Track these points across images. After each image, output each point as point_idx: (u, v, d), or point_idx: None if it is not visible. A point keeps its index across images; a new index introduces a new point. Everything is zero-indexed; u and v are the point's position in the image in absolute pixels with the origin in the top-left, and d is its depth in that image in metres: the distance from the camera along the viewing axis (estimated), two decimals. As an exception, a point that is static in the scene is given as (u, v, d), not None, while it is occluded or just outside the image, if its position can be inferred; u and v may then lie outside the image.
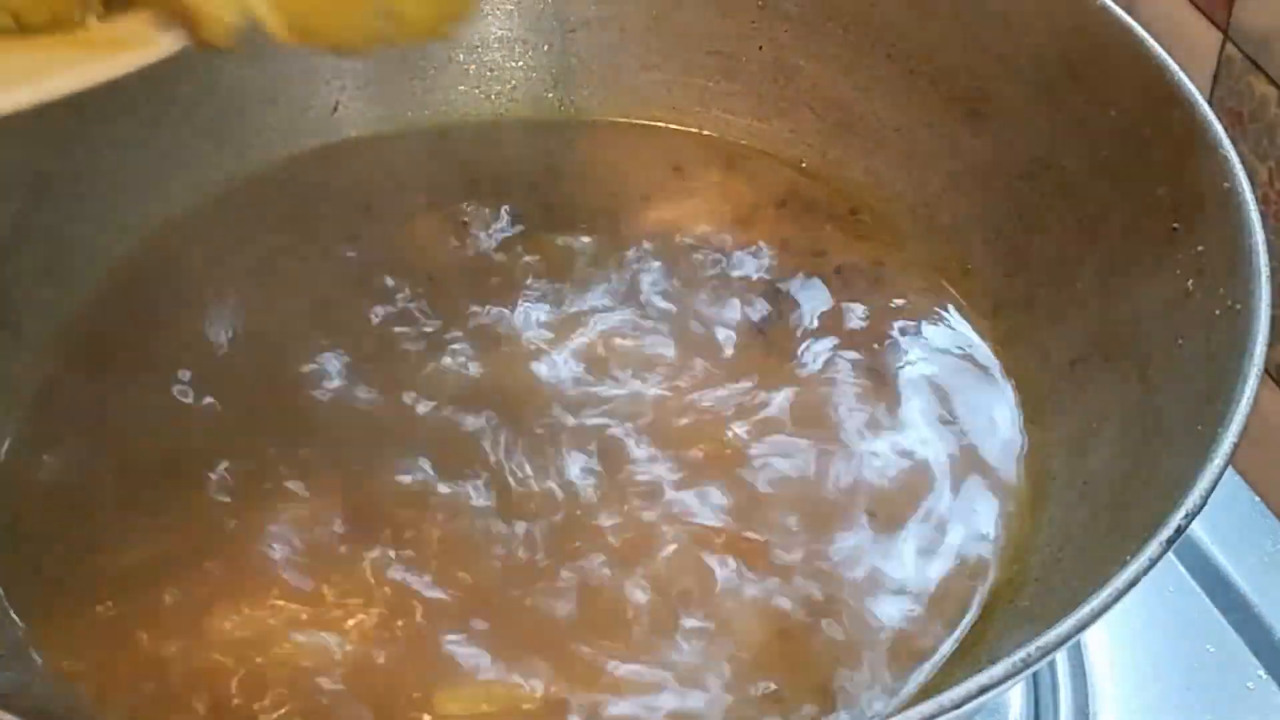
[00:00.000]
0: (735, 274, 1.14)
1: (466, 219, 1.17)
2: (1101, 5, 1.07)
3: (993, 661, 0.74)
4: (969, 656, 0.92)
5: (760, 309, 1.12)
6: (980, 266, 1.15)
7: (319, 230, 1.17)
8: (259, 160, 1.22)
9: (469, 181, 1.19)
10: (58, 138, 1.13)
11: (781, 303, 1.12)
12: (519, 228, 1.17)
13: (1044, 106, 1.12)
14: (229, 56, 1.18)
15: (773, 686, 0.89)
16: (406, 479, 0.98)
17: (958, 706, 0.72)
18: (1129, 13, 1.07)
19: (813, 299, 1.13)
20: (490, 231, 1.16)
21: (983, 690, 0.73)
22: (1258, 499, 1.21)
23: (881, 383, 1.07)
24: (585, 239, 1.16)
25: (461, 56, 1.29)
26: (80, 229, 1.14)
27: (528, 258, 1.14)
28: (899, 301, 1.14)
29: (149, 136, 1.18)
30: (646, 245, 1.16)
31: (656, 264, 1.15)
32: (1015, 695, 1.08)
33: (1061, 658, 1.10)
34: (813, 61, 1.23)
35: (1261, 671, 1.10)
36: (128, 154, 1.17)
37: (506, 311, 1.10)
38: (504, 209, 1.18)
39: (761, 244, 1.17)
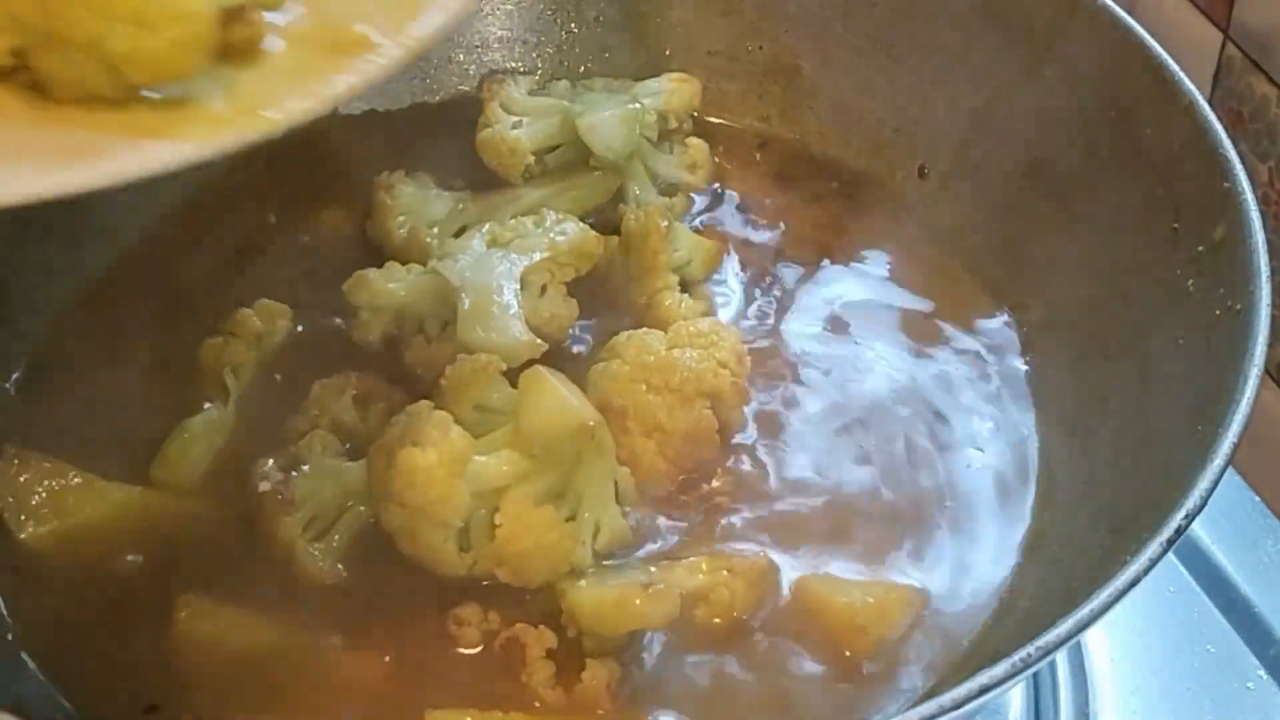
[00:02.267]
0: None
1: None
2: (1102, 5, 1.07)
3: (993, 661, 0.74)
4: (970, 656, 0.92)
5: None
6: (980, 265, 1.15)
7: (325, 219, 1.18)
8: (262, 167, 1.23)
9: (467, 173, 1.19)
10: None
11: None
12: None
13: (1044, 106, 1.12)
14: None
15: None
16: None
17: (958, 706, 0.72)
18: (1129, 13, 1.07)
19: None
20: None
21: (983, 690, 0.73)
22: (1258, 499, 1.21)
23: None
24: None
25: (461, 56, 1.29)
26: (84, 223, 1.14)
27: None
28: (894, 299, 1.14)
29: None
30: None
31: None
32: (1016, 695, 1.08)
33: (1061, 658, 1.10)
34: (813, 63, 1.23)
35: (1262, 671, 1.10)
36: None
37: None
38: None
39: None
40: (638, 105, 1.16)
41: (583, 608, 0.90)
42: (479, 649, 0.92)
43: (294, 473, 0.97)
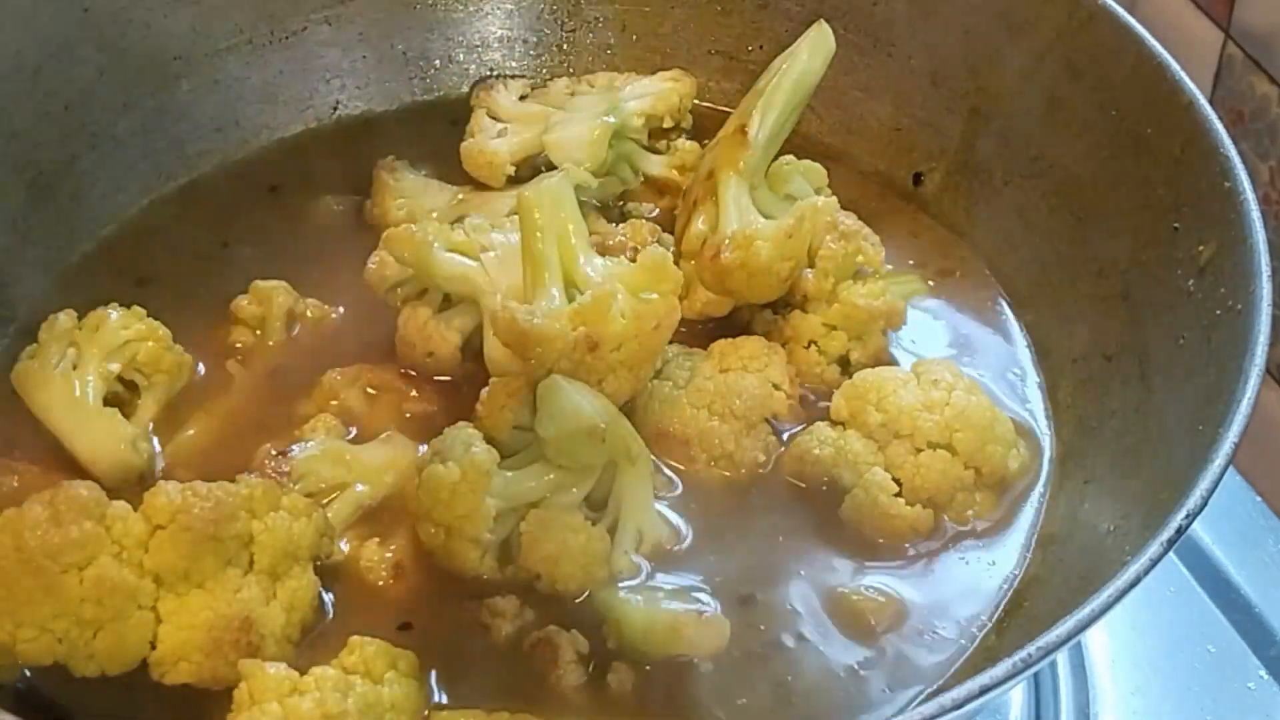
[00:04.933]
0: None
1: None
2: (1103, 5, 1.07)
3: (994, 662, 0.74)
4: (972, 656, 0.92)
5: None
6: (979, 265, 1.15)
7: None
8: (259, 157, 1.23)
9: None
10: (60, 133, 1.14)
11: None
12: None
13: (1044, 106, 1.12)
14: (230, 56, 1.21)
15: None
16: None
17: (959, 706, 0.72)
18: (1130, 12, 1.07)
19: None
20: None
21: (984, 690, 0.73)
22: (1259, 499, 1.21)
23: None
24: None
25: (461, 56, 1.29)
26: (82, 219, 1.15)
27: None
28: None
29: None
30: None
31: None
32: (1017, 694, 1.08)
33: (1062, 658, 1.10)
34: (813, 61, 1.23)
35: (1262, 671, 1.10)
36: (127, 148, 1.18)
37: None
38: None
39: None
40: (611, 119, 1.15)
41: (633, 627, 0.90)
42: (509, 643, 0.91)
43: (295, 447, 0.98)
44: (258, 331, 1.08)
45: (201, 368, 1.06)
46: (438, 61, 1.29)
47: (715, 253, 1.02)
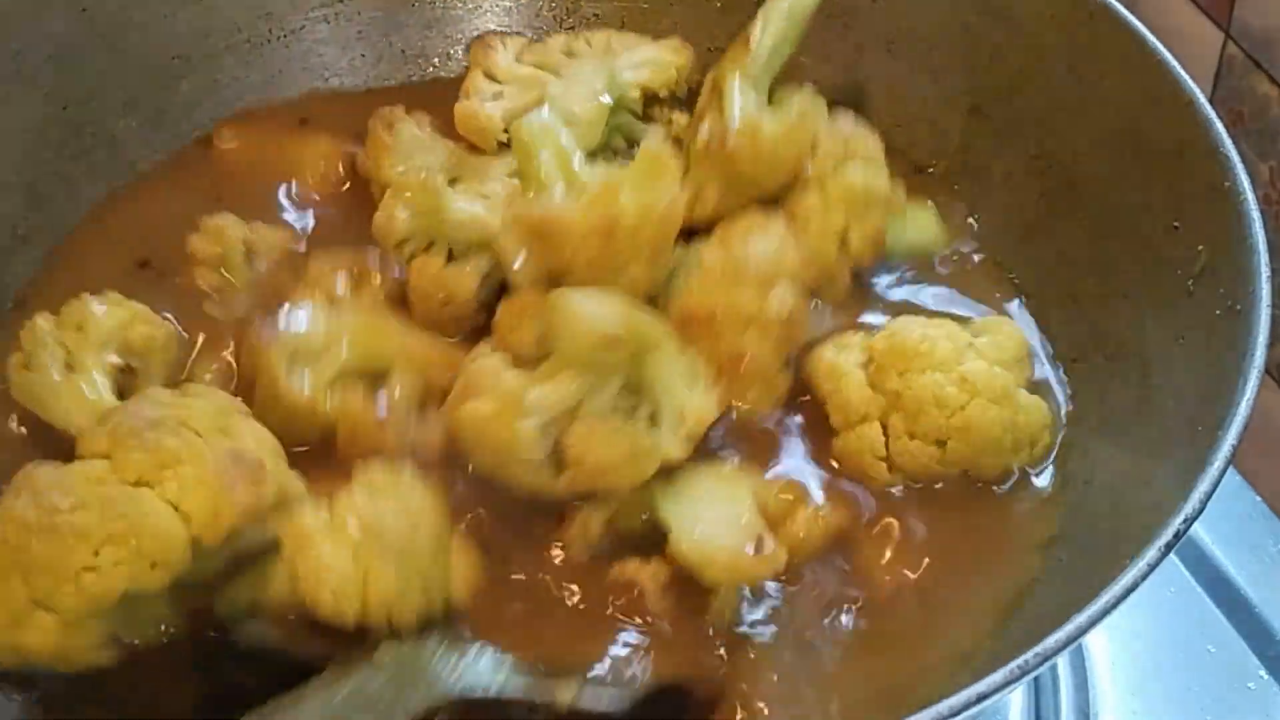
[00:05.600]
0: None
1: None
2: (1103, 4, 1.07)
3: (991, 667, 0.74)
4: (970, 658, 0.92)
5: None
6: (979, 264, 1.15)
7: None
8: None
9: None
10: (60, 133, 1.14)
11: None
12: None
13: (1045, 105, 1.12)
14: (230, 55, 1.21)
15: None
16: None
17: (956, 714, 0.72)
18: (1131, 12, 1.07)
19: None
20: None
21: (981, 697, 0.73)
22: (1259, 499, 1.21)
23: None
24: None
25: (459, 54, 1.29)
26: (81, 219, 1.15)
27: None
28: (892, 298, 1.14)
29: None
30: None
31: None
32: (1016, 695, 1.08)
33: (1062, 659, 1.09)
34: (813, 59, 1.23)
35: (1262, 671, 1.11)
36: (126, 149, 1.18)
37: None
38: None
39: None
40: (608, 99, 1.15)
41: (689, 559, 0.90)
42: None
43: (284, 306, 0.99)
44: (222, 270, 1.08)
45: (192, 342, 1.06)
46: (436, 59, 1.29)
47: (722, 140, 1.03)
